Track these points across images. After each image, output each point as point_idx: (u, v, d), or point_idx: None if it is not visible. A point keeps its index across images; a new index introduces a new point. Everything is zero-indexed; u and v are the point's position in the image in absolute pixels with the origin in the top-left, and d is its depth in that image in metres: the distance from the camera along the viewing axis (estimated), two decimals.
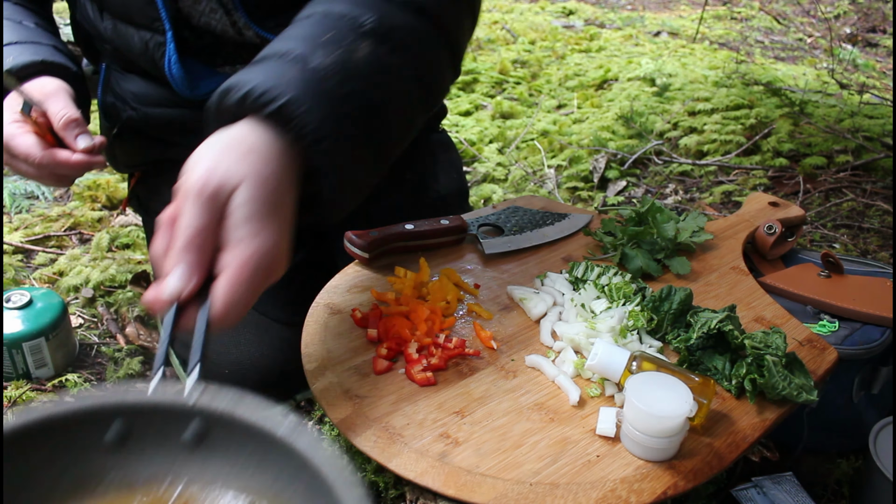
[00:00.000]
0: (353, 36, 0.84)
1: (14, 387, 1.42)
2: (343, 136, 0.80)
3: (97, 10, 1.22)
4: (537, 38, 4.00)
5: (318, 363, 0.92)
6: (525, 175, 2.36)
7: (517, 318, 1.03)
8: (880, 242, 1.86)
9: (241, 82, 0.78)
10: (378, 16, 0.87)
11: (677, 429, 0.78)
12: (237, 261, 0.69)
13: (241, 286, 0.69)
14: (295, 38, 0.84)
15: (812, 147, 2.32)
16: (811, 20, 4.84)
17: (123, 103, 1.31)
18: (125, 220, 2.07)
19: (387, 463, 0.78)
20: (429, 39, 0.93)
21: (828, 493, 1.11)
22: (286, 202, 0.75)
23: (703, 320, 0.94)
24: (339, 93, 0.80)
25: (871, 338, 1.11)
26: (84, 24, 1.29)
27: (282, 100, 0.75)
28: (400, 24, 0.89)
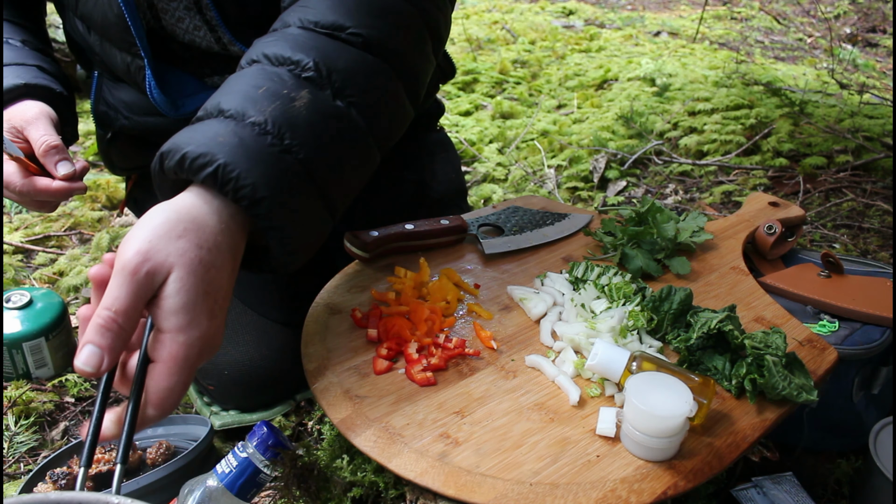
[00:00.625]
0: (292, 84, 0.83)
1: (14, 387, 1.42)
2: (285, 195, 0.79)
3: (85, 27, 1.23)
4: (537, 38, 4.00)
5: (318, 363, 0.92)
6: (525, 175, 2.36)
7: (517, 318, 1.03)
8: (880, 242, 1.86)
9: (177, 146, 0.77)
10: (319, 58, 0.85)
11: (677, 429, 0.78)
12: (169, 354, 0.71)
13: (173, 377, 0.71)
14: (233, 93, 0.83)
15: (812, 147, 2.32)
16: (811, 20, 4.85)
17: (116, 112, 1.31)
18: (125, 220, 2.07)
19: (387, 463, 0.78)
20: (378, 75, 0.90)
21: (828, 493, 1.11)
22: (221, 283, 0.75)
23: (703, 320, 0.94)
24: (277, 150, 0.78)
25: (871, 338, 1.11)
26: (74, 35, 1.29)
27: (214, 164, 0.74)
28: (343, 66, 0.87)
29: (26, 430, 1.35)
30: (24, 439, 1.34)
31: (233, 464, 0.88)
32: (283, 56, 0.86)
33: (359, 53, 0.89)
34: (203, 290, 0.72)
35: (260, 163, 0.76)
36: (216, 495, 0.87)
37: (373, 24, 0.90)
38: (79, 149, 2.61)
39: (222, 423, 1.26)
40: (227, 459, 0.89)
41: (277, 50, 0.86)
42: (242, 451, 0.88)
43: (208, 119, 0.81)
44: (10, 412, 1.38)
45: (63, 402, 1.42)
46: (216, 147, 0.75)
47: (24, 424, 1.36)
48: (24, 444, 1.33)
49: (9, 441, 1.33)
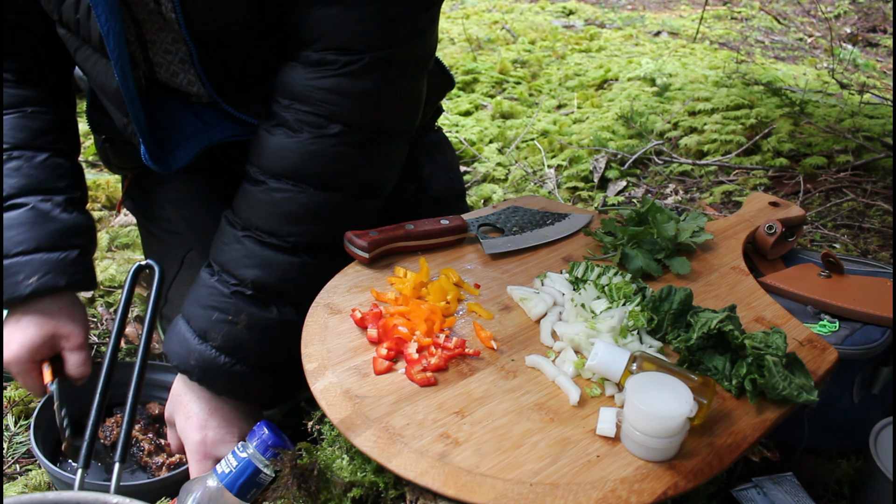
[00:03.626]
0: (235, 308, 1.07)
1: (14, 387, 1.41)
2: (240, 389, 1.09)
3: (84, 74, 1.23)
4: (537, 37, 4.00)
5: (318, 363, 0.92)
6: (525, 175, 2.36)
7: (517, 318, 1.03)
8: (881, 242, 1.86)
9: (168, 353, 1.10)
10: (257, 275, 1.07)
11: (677, 429, 0.78)
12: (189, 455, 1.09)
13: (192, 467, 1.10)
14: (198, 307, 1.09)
15: (812, 147, 2.32)
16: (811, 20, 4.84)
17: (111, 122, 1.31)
18: (125, 220, 2.07)
19: (387, 463, 0.78)
20: (308, 267, 1.09)
21: (828, 493, 1.11)
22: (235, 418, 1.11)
23: (703, 320, 0.94)
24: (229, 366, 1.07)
25: (871, 338, 1.11)
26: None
27: (195, 377, 1.07)
28: (276, 277, 1.07)
29: (26, 430, 1.35)
30: (23, 439, 1.34)
31: (233, 464, 0.88)
32: (231, 272, 1.08)
33: (293, 258, 1.08)
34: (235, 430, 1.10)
35: (221, 377, 1.07)
36: (216, 495, 0.87)
37: (300, 230, 1.08)
38: None
39: None
40: (227, 459, 0.89)
41: (226, 262, 1.09)
42: (242, 451, 0.88)
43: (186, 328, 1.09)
44: (10, 412, 1.38)
45: None
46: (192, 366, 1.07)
47: (23, 425, 1.36)
48: (23, 445, 1.33)
49: (8, 441, 1.33)
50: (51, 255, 1.14)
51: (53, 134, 1.24)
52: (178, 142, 1.20)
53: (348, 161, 1.09)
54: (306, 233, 1.08)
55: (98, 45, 1.09)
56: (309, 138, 1.06)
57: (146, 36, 1.13)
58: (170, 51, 1.15)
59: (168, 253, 1.36)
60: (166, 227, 1.39)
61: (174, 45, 1.13)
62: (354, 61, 1.03)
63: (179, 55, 1.15)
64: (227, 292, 1.08)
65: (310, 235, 1.09)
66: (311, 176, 1.07)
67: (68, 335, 1.15)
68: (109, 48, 1.03)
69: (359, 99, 1.05)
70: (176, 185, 1.37)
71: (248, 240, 1.08)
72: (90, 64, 1.15)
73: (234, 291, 1.07)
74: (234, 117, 1.23)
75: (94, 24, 1.06)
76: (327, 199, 1.09)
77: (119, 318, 1.12)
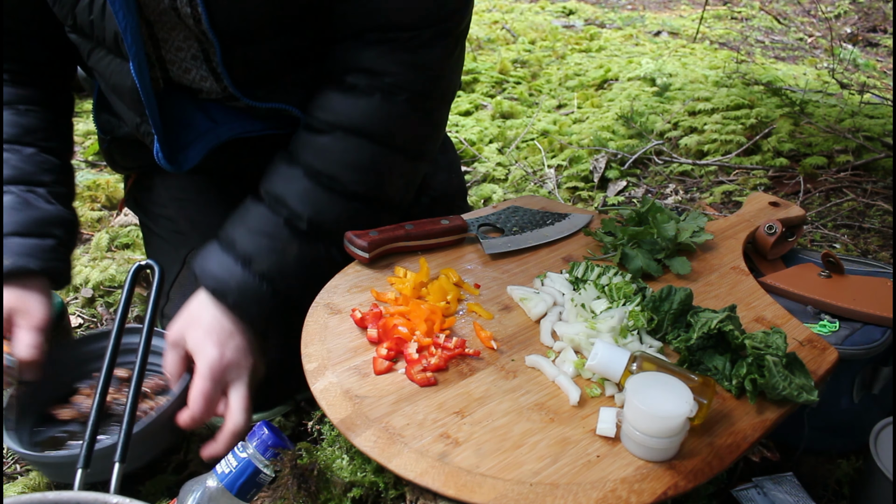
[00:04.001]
0: (287, 238, 1.09)
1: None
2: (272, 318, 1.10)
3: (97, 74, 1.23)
4: (537, 37, 4.00)
5: (318, 363, 0.92)
6: (525, 175, 2.36)
7: (517, 318, 1.03)
8: (881, 242, 1.86)
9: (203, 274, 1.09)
10: (312, 213, 1.10)
11: (677, 429, 0.78)
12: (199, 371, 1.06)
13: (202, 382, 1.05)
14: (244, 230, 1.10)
15: (812, 147, 2.32)
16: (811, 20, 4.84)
17: (119, 120, 1.31)
18: (125, 220, 2.07)
19: (387, 463, 0.78)
20: (361, 216, 1.13)
21: (828, 494, 1.11)
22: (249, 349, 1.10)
23: (703, 320, 0.94)
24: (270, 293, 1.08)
25: (871, 338, 1.11)
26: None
27: (230, 300, 1.07)
28: (331, 218, 1.11)
29: None
30: None
31: (233, 464, 0.88)
32: (286, 204, 1.10)
33: (347, 204, 1.12)
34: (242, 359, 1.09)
35: (257, 304, 1.08)
36: (216, 495, 0.87)
37: (361, 178, 1.12)
38: (78, 148, 2.61)
39: None
40: (227, 459, 0.89)
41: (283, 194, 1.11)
42: (242, 452, 0.88)
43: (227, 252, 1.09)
44: None
45: None
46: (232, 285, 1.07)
47: None
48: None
49: None
50: (26, 240, 1.14)
51: (44, 132, 1.25)
52: (189, 141, 1.21)
53: (411, 125, 1.15)
54: (366, 182, 1.13)
55: (113, 45, 1.10)
56: (380, 100, 1.11)
57: (158, 35, 1.14)
58: (181, 48, 1.15)
59: (170, 252, 1.37)
60: (169, 226, 1.39)
61: (186, 42, 1.14)
62: (416, 36, 1.10)
63: (191, 52, 1.15)
64: (280, 221, 1.09)
65: (369, 185, 1.13)
66: (378, 135, 1.12)
67: (26, 312, 1.12)
68: (127, 44, 1.04)
69: (424, 69, 1.12)
70: (179, 185, 1.38)
71: (309, 180, 1.11)
72: (104, 65, 1.16)
73: (288, 222, 1.09)
74: (243, 114, 1.24)
75: (108, 23, 1.07)
76: (389, 155, 1.14)
77: (119, 318, 1.12)
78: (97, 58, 1.16)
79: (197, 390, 1.04)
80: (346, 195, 1.12)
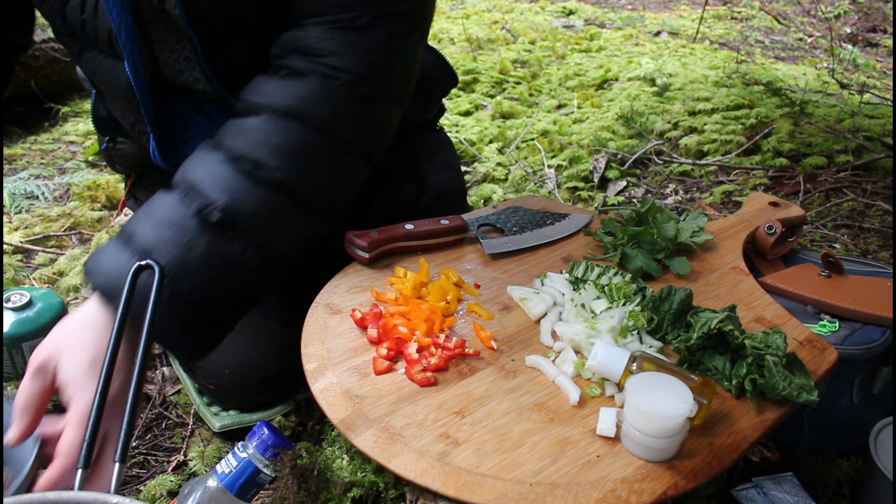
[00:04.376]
0: (196, 229, 0.94)
1: (14, 387, 1.41)
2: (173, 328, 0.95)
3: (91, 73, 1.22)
4: (537, 37, 4.00)
5: (318, 363, 0.92)
6: (525, 175, 2.36)
7: (517, 318, 1.03)
8: (881, 242, 1.86)
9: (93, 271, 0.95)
10: (230, 201, 0.96)
11: (678, 429, 0.78)
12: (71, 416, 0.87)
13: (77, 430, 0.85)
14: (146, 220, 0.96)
15: (812, 147, 2.32)
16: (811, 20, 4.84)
17: (116, 121, 1.31)
18: (125, 220, 2.07)
19: (387, 463, 0.78)
20: (285, 213, 1.00)
21: (828, 493, 1.11)
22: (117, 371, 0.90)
23: (703, 320, 0.94)
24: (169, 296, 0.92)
25: (871, 338, 1.11)
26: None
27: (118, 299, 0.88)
28: (250, 210, 0.96)
29: None
30: None
31: (233, 464, 0.88)
32: (200, 191, 0.97)
33: (270, 194, 0.98)
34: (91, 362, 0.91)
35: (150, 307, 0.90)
36: (216, 495, 0.87)
37: (289, 166, 0.99)
38: (79, 149, 2.61)
39: (223, 424, 1.26)
40: (227, 459, 0.89)
41: (198, 180, 0.98)
42: (242, 452, 0.88)
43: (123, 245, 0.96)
44: None
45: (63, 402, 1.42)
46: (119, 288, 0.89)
47: None
48: None
49: None
50: None
51: None
52: (186, 139, 1.20)
53: (350, 111, 1.06)
54: (294, 170, 1.00)
55: (106, 44, 1.09)
56: (318, 81, 1.02)
57: (151, 35, 1.14)
58: (175, 49, 1.15)
59: None
60: None
61: (179, 43, 1.14)
62: (359, 16, 1.02)
63: (185, 53, 1.15)
64: (190, 212, 0.95)
65: (296, 174, 1.01)
66: (313, 117, 1.02)
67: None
68: (122, 41, 1.02)
69: (368, 51, 1.04)
70: None
71: (229, 165, 0.99)
72: (95, 65, 1.15)
73: (199, 212, 0.95)
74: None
75: (101, 22, 1.05)
76: (322, 142, 1.03)
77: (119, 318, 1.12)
78: (88, 58, 1.15)
79: (69, 443, 0.83)
80: (269, 184, 0.99)
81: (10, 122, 2.84)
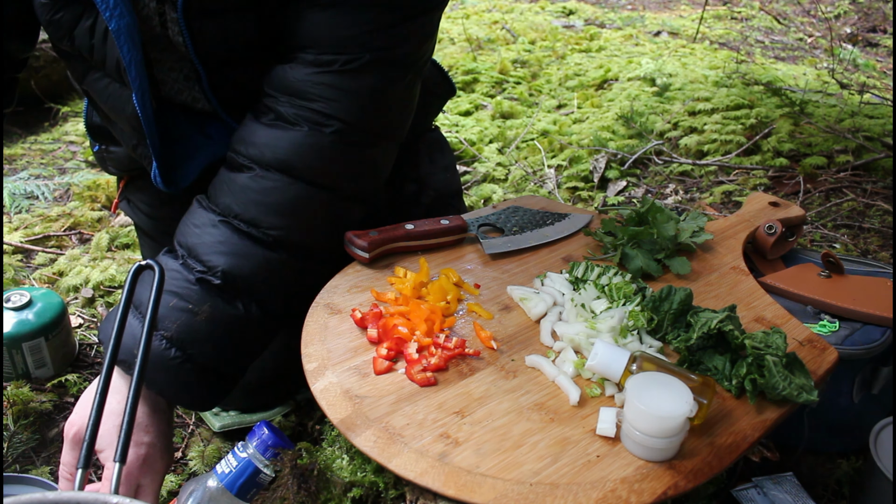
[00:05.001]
0: (198, 298, 0.99)
1: (14, 386, 1.42)
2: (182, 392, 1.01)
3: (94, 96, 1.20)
4: (537, 37, 4.00)
5: (318, 363, 0.92)
6: (525, 175, 2.36)
7: (517, 318, 1.03)
8: (881, 242, 1.86)
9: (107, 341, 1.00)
10: (226, 265, 1.00)
11: (678, 429, 0.78)
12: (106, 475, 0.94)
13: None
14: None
15: (812, 147, 2.32)
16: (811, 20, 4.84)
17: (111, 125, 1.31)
18: (125, 220, 2.07)
19: (387, 463, 0.78)
20: (284, 267, 1.04)
21: (828, 493, 1.11)
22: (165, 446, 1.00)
23: (703, 320, 0.94)
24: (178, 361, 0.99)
25: (871, 338, 1.11)
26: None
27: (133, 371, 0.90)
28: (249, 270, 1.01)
29: (25, 430, 1.35)
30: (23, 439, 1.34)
31: (233, 464, 0.88)
32: (199, 257, 1.01)
33: (267, 253, 1.02)
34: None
35: (163, 371, 0.98)
36: (216, 495, 0.87)
37: (284, 223, 1.03)
38: (79, 149, 2.61)
39: (223, 425, 1.26)
40: (227, 459, 0.89)
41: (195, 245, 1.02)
42: (242, 452, 0.88)
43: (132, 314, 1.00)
44: (9, 412, 1.38)
45: (62, 401, 1.42)
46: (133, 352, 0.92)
47: (23, 424, 1.36)
48: (22, 445, 1.33)
49: (8, 441, 1.33)
50: None
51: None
52: (185, 155, 1.19)
53: (342, 159, 1.06)
54: (289, 227, 1.04)
55: (113, 72, 1.08)
56: (307, 132, 1.03)
57: (150, 55, 1.11)
58: (174, 68, 1.13)
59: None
60: (162, 228, 1.39)
61: (178, 63, 1.12)
62: (354, 59, 1.02)
63: (184, 73, 1.13)
64: (192, 279, 1.00)
65: (292, 231, 1.04)
66: (303, 170, 1.03)
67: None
68: (131, 77, 1.02)
69: (358, 97, 1.03)
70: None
71: (226, 227, 1.02)
72: (100, 87, 1.13)
73: (200, 279, 1.00)
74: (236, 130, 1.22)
75: (110, 49, 1.05)
76: (316, 195, 1.05)
77: (119, 319, 1.12)
78: (93, 79, 1.14)
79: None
80: (266, 243, 1.03)
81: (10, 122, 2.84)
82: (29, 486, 1.07)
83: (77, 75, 1.17)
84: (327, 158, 1.04)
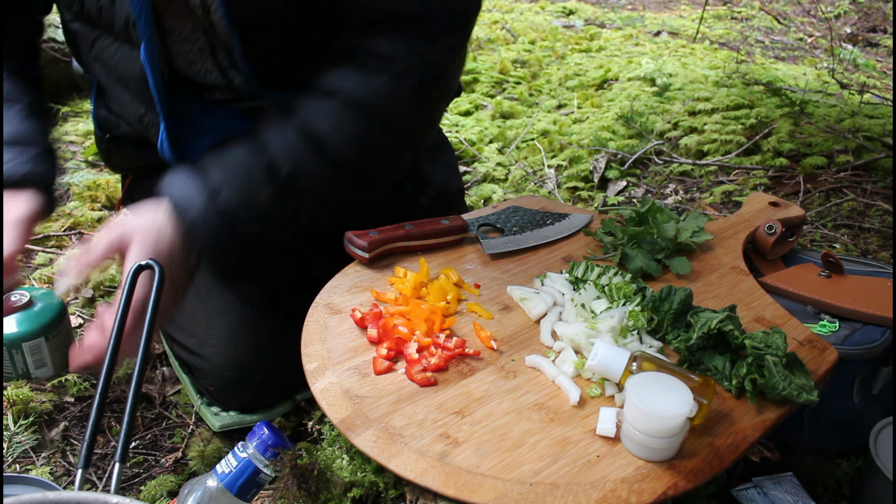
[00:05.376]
0: (263, 181, 1.05)
1: (14, 386, 1.41)
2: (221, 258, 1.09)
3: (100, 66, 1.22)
4: (537, 37, 4.00)
5: (318, 363, 0.92)
6: (525, 175, 2.36)
7: (517, 318, 1.03)
8: (881, 242, 1.86)
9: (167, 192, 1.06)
10: (293, 167, 1.06)
11: (678, 429, 0.78)
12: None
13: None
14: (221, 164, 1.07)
15: (812, 147, 2.32)
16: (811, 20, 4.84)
17: (118, 117, 1.31)
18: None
19: (387, 463, 0.78)
20: (340, 185, 1.12)
21: (828, 493, 1.11)
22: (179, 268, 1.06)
23: (703, 320, 0.94)
24: (229, 231, 1.05)
25: (871, 338, 1.11)
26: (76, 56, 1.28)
27: (187, 222, 1.02)
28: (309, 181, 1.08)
29: (25, 430, 1.35)
30: (23, 439, 1.34)
31: (233, 464, 0.88)
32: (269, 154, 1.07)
33: (329, 171, 1.09)
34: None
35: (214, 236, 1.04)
36: (216, 495, 0.87)
37: (351, 149, 1.10)
38: (78, 149, 2.61)
39: (223, 424, 1.26)
40: (227, 459, 0.89)
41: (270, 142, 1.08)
42: (242, 452, 0.88)
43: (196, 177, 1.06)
44: (10, 412, 1.38)
45: (62, 402, 1.42)
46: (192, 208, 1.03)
47: (23, 424, 1.36)
48: (21, 445, 1.33)
49: (8, 441, 1.33)
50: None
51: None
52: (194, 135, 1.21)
53: (412, 111, 1.15)
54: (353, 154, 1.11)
55: (122, 32, 1.10)
56: (387, 80, 1.10)
57: (165, 25, 1.13)
58: (188, 39, 1.15)
59: None
60: None
61: (193, 34, 1.14)
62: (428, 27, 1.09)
63: (198, 44, 1.15)
64: (259, 167, 1.06)
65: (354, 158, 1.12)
66: (378, 112, 1.11)
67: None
68: (140, 29, 1.04)
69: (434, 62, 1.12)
70: None
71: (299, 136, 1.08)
72: (109, 54, 1.15)
73: (267, 169, 1.06)
74: (247, 116, 1.23)
75: (118, 9, 1.08)
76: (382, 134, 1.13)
77: (119, 318, 1.12)
78: (102, 46, 1.16)
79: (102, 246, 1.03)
80: (331, 162, 1.09)
81: None
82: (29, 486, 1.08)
83: (86, 45, 1.19)
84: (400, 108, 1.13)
